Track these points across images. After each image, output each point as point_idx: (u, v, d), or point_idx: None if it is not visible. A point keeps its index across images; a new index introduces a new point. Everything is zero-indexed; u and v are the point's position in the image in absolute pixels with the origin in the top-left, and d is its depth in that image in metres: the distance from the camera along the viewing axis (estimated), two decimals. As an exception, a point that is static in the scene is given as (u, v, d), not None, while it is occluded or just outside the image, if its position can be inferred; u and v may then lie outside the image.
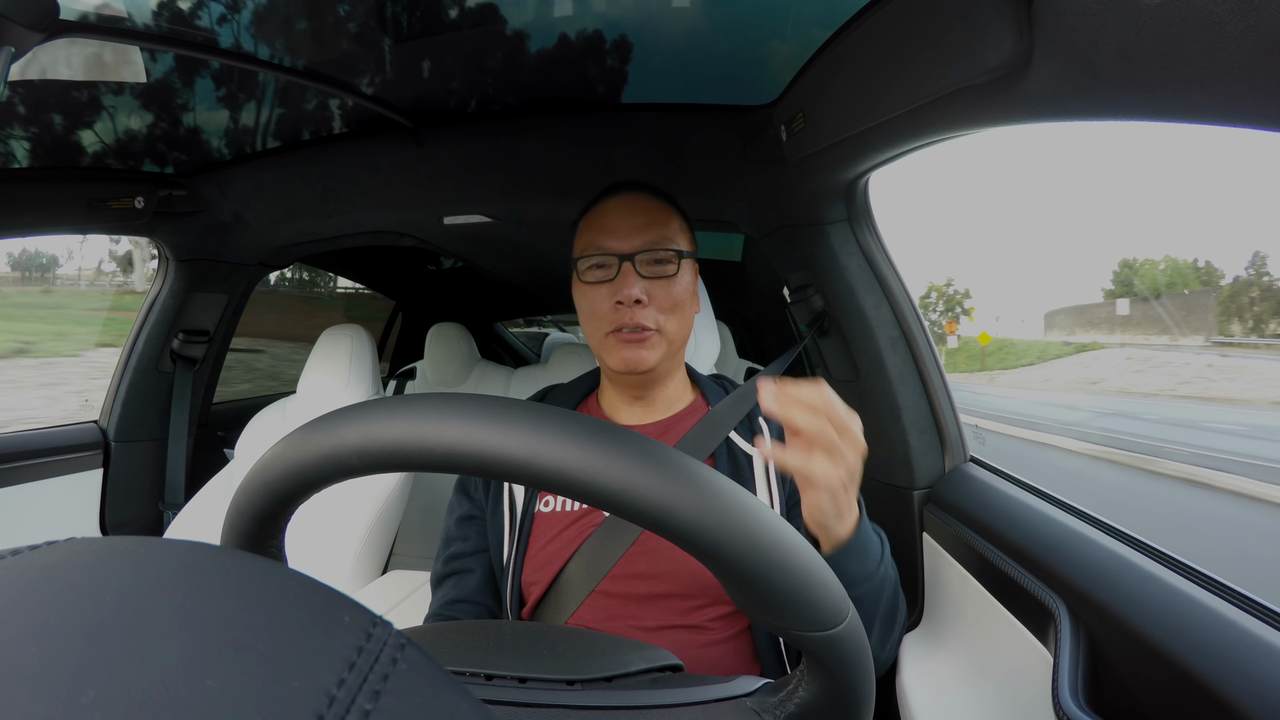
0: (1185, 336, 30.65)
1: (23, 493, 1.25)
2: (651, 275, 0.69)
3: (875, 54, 0.65)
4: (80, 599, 0.15)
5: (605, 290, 0.69)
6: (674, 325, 0.70)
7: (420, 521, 1.73)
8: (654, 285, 0.69)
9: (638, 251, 0.68)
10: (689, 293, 0.72)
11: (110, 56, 0.91)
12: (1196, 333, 31.84)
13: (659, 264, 0.69)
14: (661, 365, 0.71)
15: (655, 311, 0.68)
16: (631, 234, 0.69)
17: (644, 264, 0.69)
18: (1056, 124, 0.52)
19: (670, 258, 0.70)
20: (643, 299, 0.67)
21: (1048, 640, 0.58)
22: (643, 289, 0.68)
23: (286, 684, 0.14)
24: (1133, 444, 8.30)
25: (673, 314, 0.70)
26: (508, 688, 0.36)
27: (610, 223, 0.71)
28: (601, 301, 0.69)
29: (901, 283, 0.95)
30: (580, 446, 0.26)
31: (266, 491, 0.31)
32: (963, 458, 0.93)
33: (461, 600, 0.71)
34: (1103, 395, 17.47)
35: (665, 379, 0.75)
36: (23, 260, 11.14)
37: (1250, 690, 0.40)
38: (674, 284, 0.70)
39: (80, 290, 10.93)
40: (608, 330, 0.69)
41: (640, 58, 0.95)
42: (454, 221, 1.37)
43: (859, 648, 0.31)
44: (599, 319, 0.70)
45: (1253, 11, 0.31)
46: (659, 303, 0.69)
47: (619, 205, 0.72)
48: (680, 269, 0.70)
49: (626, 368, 0.69)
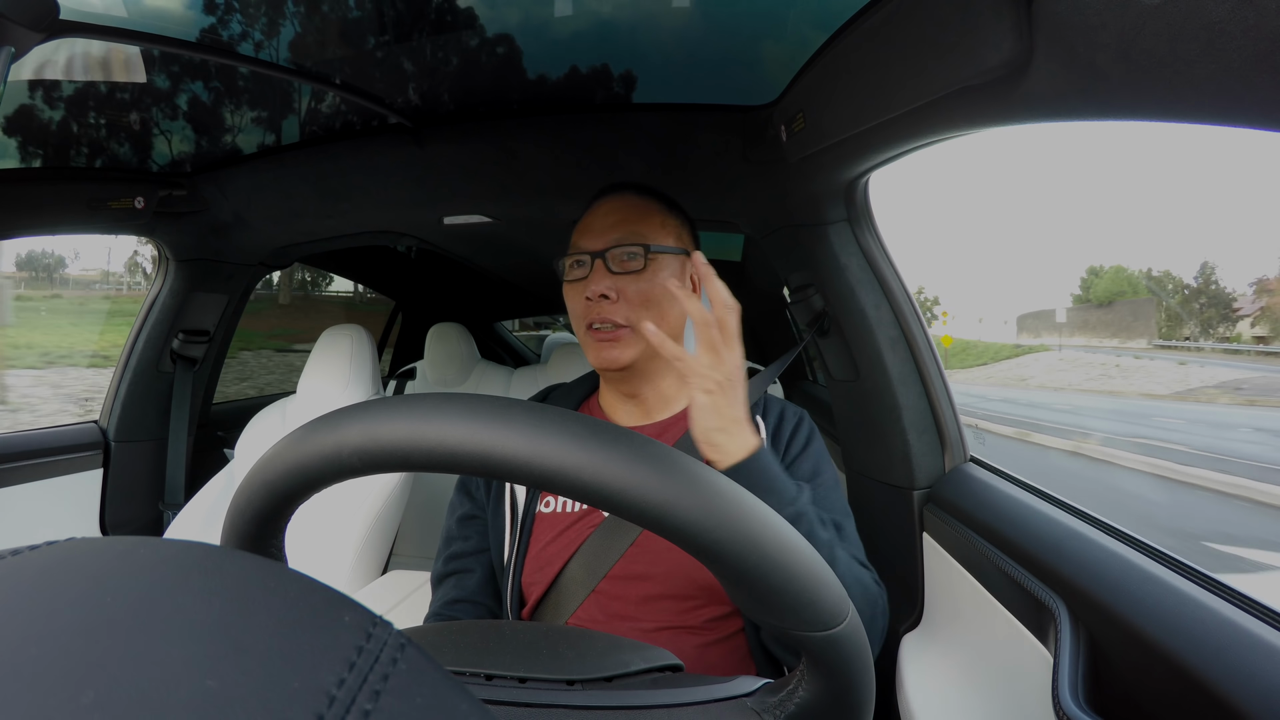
0: (1132, 340, 32.58)
1: (23, 493, 1.25)
2: (621, 271, 0.69)
3: (875, 54, 0.65)
4: (80, 599, 0.15)
5: (580, 288, 0.70)
6: (652, 321, 0.69)
7: (420, 521, 1.73)
8: (623, 281, 0.69)
9: (608, 248, 0.69)
10: (664, 289, 0.70)
11: (110, 56, 0.91)
12: (1141, 336, 33.88)
13: (628, 260, 0.69)
14: (642, 363, 0.70)
15: (626, 308, 0.68)
16: (604, 232, 0.71)
17: (614, 260, 0.69)
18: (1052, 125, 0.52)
19: (637, 253, 0.69)
20: (610, 295, 0.68)
21: (1048, 640, 0.58)
22: (610, 285, 0.68)
23: (286, 684, 0.14)
24: (988, 414, 11.00)
25: (646, 310, 0.69)
26: (508, 688, 0.36)
27: (590, 223, 0.73)
28: (577, 299, 0.71)
29: (901, 283, 0.95)
30: (580, 447, 0.26)
31: (266, 491, 0.31)
32: (963, 458, 0.93)
33: (462, 600, 0.71)
34: (1021, 389, 20.01)
35: (654, 377, 0.74)
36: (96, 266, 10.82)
37: (1250, 690, 0.40)
38: (644, 279, 0.69)
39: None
40: (585, 327, 0.70)
41: (640, 58, 0.96)
42: (454, 221, 1.37)
43: (859, 648, 0.31)
44: (578, 317, 0.71)
45: (1253, 12, 0.31)
46: (629, 299, 0.69)
47: (602, 206, 0.74)
48: (650, 265, 0.69)
49: (602, 365, 0.70)
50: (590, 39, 0.90)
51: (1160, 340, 33.85)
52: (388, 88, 1.03)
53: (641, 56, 0.95)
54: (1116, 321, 36.44)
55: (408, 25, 0.87)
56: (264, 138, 1.22)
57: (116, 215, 1.22)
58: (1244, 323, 28.87)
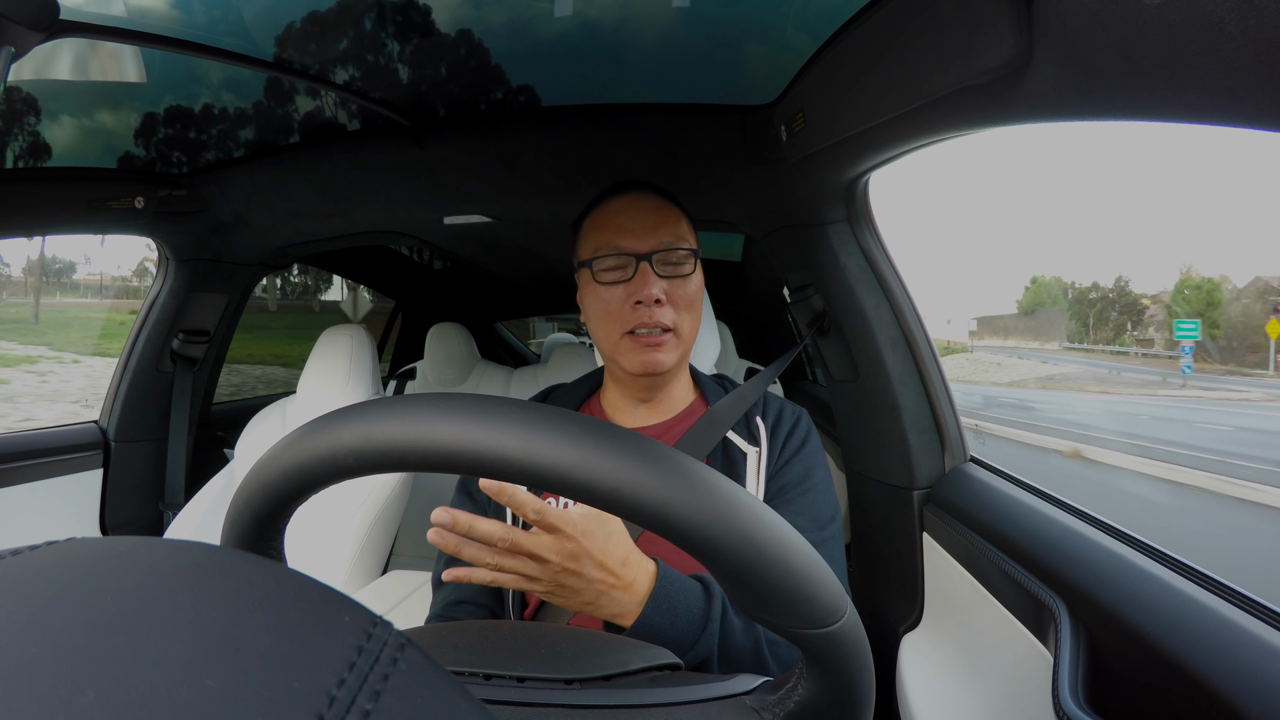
0: (1049, 343, 36.41)
1: (23, 493, 1.25)
2: (668, 274, 0.69)
3: (875, 54, 0.65)
4: (80, 599, 0.15)
5: (622, 290, 0.69)
6: (689, 324, 0.71)
7: (420, 521, 1.73)
8: (671, 284, 0.69)
9: (655, 251, 0.68)
10: (701, 291, 0.73)
11: (110, 56, 0.91)
12: (1054, 340, 38.42)
13: (675, 264, 0.69)
14: (675, 366, 0.71)
15: (673, 311, 0.69)
16: (646, 233, 0.69)
17: (661, 263, 0.69)
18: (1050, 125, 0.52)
19: (687, 257, 0.70)
20: (662, 299, 0.68)
21: (1048, 640, 0.58)
22: (662, 289, 0.68)
23: (287, 684, 0.14)
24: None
25: (688, 313, 0.70)
26: (506, 687, 0.36)
27: (624, 222, 0.70)
28: (618, 302, 0.69)
29: (901, 283, 0.95)
30: (576, 445, 0.26)
31: (265, 492, 0.31)
32: (963, 458, 0.92)
33: (463, 601, 0.71)
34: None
35: (673, 380, 0.75)
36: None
37: (1250, 690, 0.40)
38: (689, 283, 0.70)
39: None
40: (624, 331, 0.69)
41: (640, 58, 0.95)
42: (454, 221, 1.37)
43: (858, 645, 0.31)
44: (614, 320, 0.69)
45: (1253, 11, 0.31)
46: (676, 302, 0.69)
47: (630, 204, 0.72)
48: (695, 268, 0.71)
49: (644, 370, 0.69)
50: (590, 39, 0.90)
51: (1069, 344, 37.89)
52: (387, 88, 1.03)
53: (642, 56, 0.95)
54: (1036, 327, 40.77)
55: (408, 25, 0.87)
56: (264, 138, 1.22)
57: (116, 215, 1.22)
58: (1152, 328, 31.71)
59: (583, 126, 1.09)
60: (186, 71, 0.98)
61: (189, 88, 1.03)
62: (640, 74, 0.99)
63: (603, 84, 1.03)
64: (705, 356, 1.09)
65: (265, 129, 1.19)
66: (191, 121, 1.14)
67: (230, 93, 1.06)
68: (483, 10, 0.83)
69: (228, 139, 1.22)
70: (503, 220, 1.38)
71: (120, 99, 1.03)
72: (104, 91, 1.01)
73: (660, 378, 0.71)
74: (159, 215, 1.28)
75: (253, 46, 0.88)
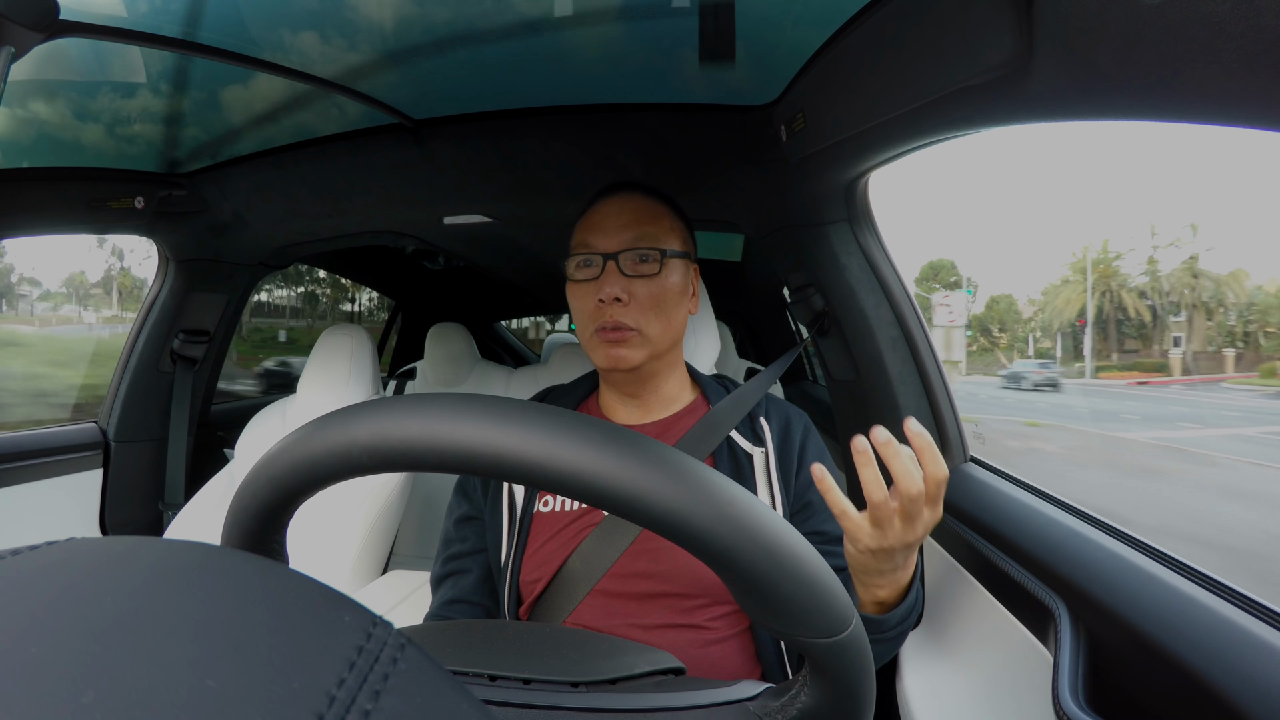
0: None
1: (23, 493, 1.25)
2: (634, 274, 0.69)
3: (875, 54, 0.65)
4: (80, 599, 0.15)
5: (590, 289, 0.70)
6: (657, 326, 0.69)
7: (420, 521, 1.73)
8: (636, 284, 0.69)
9: (621, 250, 0.69)
10: (676, 292, 0.71)
11: (110, 56, 0.91)
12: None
13: (641, 263, 0.69)
14: (648, 364, 0.71)
15: (636, 311, 0.68)
16: (616, 233, 0.70)
17: (627, 262, 0.69)
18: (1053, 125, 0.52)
19: (653, 256, 0.70)
20: (622, 298, 0.68)
21: (1048, 640, 0.58)
22: (623, 288, 0.68)
23: (287, 684, 0.14)
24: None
25: (656, 313, 0.69)
26: (512, 689, 0.36)
27: (598, 222, 0.71)
28: (586, 300, 0.70)
29: (901, 283, 0.95)
30: (598, 452, 0.26)
31: (273, 486, 0.31)
32: (963, 458, 0.92)
33: (459, 600, 0.71)
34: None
35: (657, 377, 0.74)
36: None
37: (1250, 690, 0.40)
38: (656, 283, 0.69)
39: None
40: (593, 329, 0.69)
41: (640, 57, 0.95)
42: (454, 221, 1.37)
43: (862, 654, 0.31)
44: (585, 317, 0.70)
45: (1253, 11, 0.31)
46: (640, 302, 0.69)
47: (609, 205, 0.73)
48: (664, 268, 0.70)
49: (610, 365, 0.70)
50: (589, 38, 0.90)
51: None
52: (387, 87, 1.03)
53: (641, 56, 0.95)
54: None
55: (407, 24, 0.87)
56: (264, 137, 1.22)
57: (116, 215, 1.22)
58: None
59: (582, 126, 1.09)
60: (186, 71, 0.97)
61: (189, 88, 1.03)
62: (640, 74, 0.99)
63: (603, 84, 1.02)
64: (705, 356, 1.09)
65: (265, 129, 1.19)
66: (191, 121, 1.14)
67: (230, 93, 1.06)
68: (482, 9, 0.83)
69: (228, 139, 1.21)
70: (502, 220, 1.38)
71: (120, 99, 1.03)
72: (104, 91, 1.01)
73: (635, 374, 0.71)
74: (159, 215, 1.28)
75: (252, 46, 0.88)
